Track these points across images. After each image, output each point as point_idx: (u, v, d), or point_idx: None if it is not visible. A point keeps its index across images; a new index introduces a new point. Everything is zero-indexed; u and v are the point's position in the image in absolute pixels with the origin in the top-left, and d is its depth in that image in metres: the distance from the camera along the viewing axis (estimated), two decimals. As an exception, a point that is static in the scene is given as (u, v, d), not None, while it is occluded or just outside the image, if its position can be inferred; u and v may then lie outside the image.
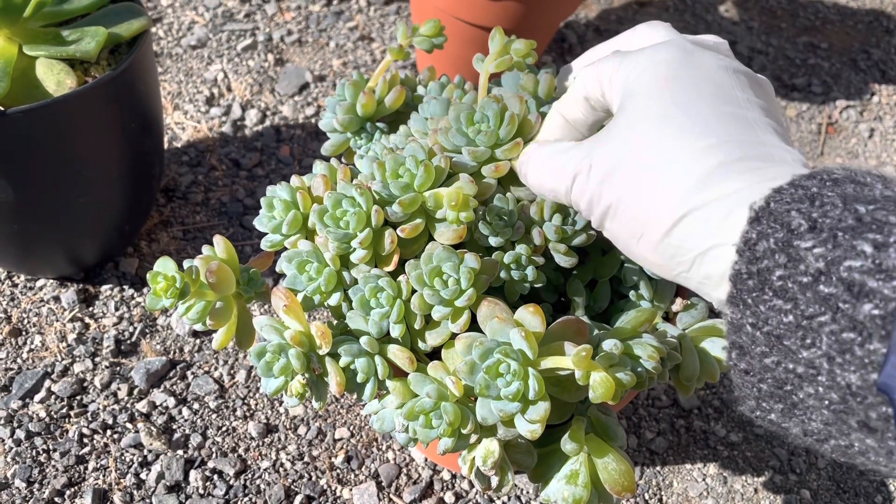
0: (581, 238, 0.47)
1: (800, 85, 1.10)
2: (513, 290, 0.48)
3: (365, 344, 0.45)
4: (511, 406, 0.41)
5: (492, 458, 0.44)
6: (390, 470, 0.65)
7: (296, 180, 0.50)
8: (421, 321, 0.46)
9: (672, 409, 0.73)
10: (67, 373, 0.69)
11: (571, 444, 0.45)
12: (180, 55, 1.01)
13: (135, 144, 0.68)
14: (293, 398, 0.45)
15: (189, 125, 0.92)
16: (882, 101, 1.10)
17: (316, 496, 0.63)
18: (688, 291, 0.55)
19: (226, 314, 0.48)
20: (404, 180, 0.46)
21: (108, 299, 0.75)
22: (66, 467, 0.63)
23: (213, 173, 0.87)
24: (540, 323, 0.42)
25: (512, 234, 0.47)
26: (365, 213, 0.45)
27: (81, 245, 0.71)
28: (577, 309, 0.50)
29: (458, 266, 0.44)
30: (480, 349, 0.41)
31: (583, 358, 0.39)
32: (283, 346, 0.44)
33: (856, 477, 0.69)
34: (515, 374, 0.40)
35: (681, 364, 0.49)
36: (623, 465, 0.46)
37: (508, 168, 0.47)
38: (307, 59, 1.03)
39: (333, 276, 0.47)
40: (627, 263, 0.50)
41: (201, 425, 0.67)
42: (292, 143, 0.91)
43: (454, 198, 0.43)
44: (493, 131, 0.46)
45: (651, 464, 0.69)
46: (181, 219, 0.82)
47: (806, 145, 1.01)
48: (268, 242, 0.49)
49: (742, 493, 0.67)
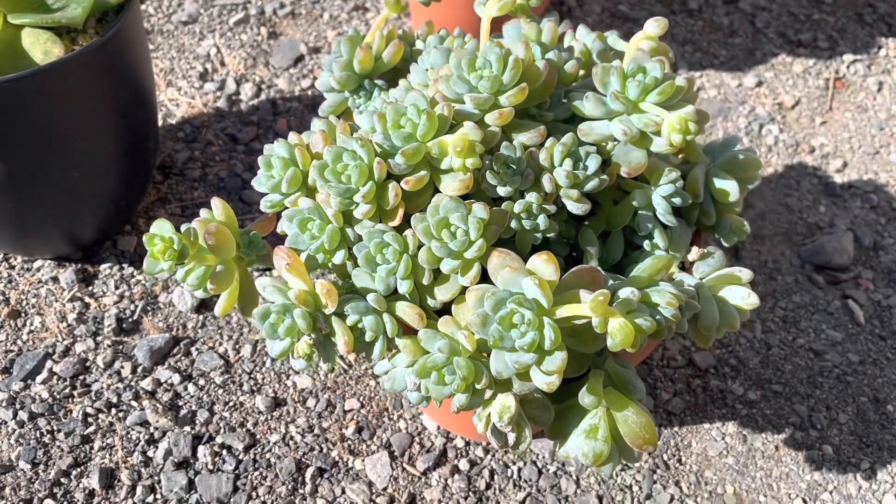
0: (593, 183, 0.45)
1: (805, 41, 1.08)
2: (524, 242, 0.47)
3: (372, 301, 0.44)
4: (526, 357, 0.39)
5: (508, 413, 0.42)
6: (403, 439, 0.64)
7: (294, 137, 0.48)
8: (429, 276, 0.44)
9: (688, 369, 0.71)
10: (69, 353, 0.68)
11: (590, 398, 0.44)
12: (171, 31, 0.99)
13: (128, 116, 0.66)
14: (300, 360, 0.43)
15: (183, 101, 0.90)
16: (889, 54, 1.08)
17: (328, 468, 0.62)
18: (704, 240, 0.53)
19: (227, 278, 0.47)
20: (406, 130, 0.44)
21: (108, 278, 0.73)
22: (72, 447, 0.62)
23: (210, 149, 0.85)
24: (554, 271, 0.40)
25: (521, 183, 0.45)
26: (367, 165, 0.44)
27: (78, 223, 0.70)
28: (590, 260, 0.48)
29: (467, 216, 0.43)
30: (493, 300, 0.40)
31: (600, 303, 0.37)
32: (288, 306, 0.43)
33: (878, 430, 0.68)
34: (530, 323, 0.39)
35: (699, 313, 0.48)
36: (643, 417, 0.44)
37: (513, 115, 0.45)
38: (301, 32, 1.01)
39: (337, 233, 0.45)
40: (642, 211, 0.48)
41: (208, 401, 0.66)
42: (289, 115, 0.89)
43: (459, 144, 0.42)
44: (496, 77, 0.44)
45: (668, 424, 0.67)
46: (179, 195, 0.80)
47: (814, 101, 0.99)
48: (267, 203, 0.48)
49: (762, 450, 0.66)
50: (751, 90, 1.00)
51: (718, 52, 1.05)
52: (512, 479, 0.62)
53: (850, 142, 0.94)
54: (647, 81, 0.44)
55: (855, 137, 0.95)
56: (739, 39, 1.08)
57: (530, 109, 0.49)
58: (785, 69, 1.04)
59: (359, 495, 0.61)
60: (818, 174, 0.90)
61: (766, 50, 1.06)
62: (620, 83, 0.45)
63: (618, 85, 0.45)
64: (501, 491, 0.62)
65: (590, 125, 0.46)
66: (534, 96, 0.47)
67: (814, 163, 0.92)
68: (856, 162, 0.92)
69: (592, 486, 0.62)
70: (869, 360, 0.73)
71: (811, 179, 0.89)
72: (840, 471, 0.65)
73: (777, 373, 0.71)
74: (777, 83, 1.01)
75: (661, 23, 0.48)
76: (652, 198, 0.47)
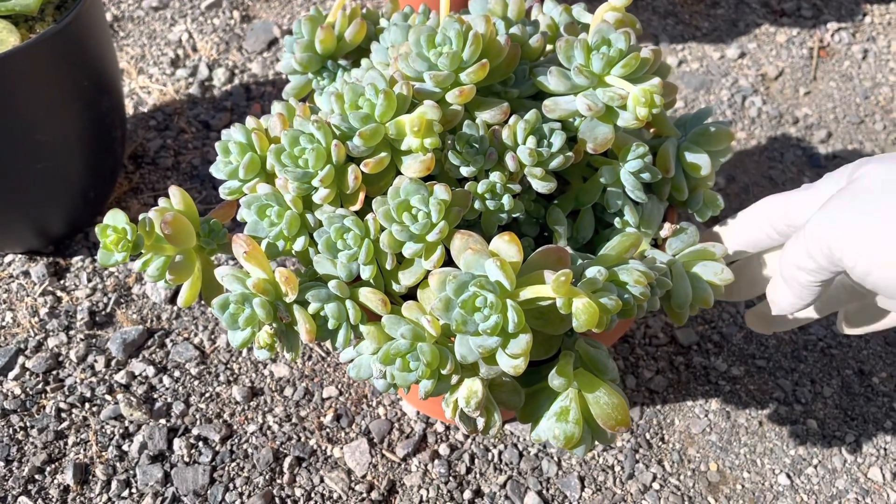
0: (558, 160, 0.44)
1: (789, 10, 1.06)
2: (490, 223, 0.45)
3: (334, 288, 0.43)
4: (490, 341, 0.38)
5: (475, 398, 0.41)
6: (382, 426, 0.63)
7: (251, 121, 0.47)
8: (393, 261, 0.43)
9: (670, 347, 0.70)
10: (41, 348, 0.67)
11: (559, 380, 0.43)
12: (142, 18, 0.97)
13: (91, 105, 0.64)
14: (262, 350, 0.42)
15: (155, 89, 0.88)
16: (875, 20, 1.06)
17: (306, 457, 0.61)
18: (677, 215, 0.52)
19: (187, 268, 0.46)
20: (364, 111, 0.43)
21: (80, 271, 0.72)
22: (45, 443, 0.61)
23: (183, 136, 0.83)
24: (516, 252, 0.39)
25: (484, 162, 0.44)
26: (324, 148, 0.42)
27: (46, 215, 0.68)
28: (559, 239, 0.47)
29: (428, 199, 0.41)
30: (455, 283, 0.39)
31: (562, 283, 0.36)
32: (247, 295, 0.41)
33: (864, 403, 0.67)
34: (493, 306, 0.38)
35: (671, 291, 0.47)
36: (615, 398, 0.43)
37: (474, 92, 0.43)
38: (274, 14, 0.99)
39: (296, 219, 0.44)
40: (610, 188, 0.47)
41: (183, 393, 0.65)
42: (263, 100, 0.88)
43: (416, 123, 0.40)
44: (455, 53, 0.43)
45: (651, 403, 0.66)
46: (151, 184, 0.79)
47: (798, 71, 0.98)
48: (226, 189, 0.46)
49: (746, 426, 0.65)
50: (734, 62, 0.98)
51: (701, 24, 1.04)
52: (492, 463, 0.62)
53: (834, 111, 0.93)
54: (612, 54, 0.43)
55: (839, 107, 0.93)
56: (722, 11, 1.06)
57: (495, 86, 0.48)
58: (768, 40, 1.02)
59: (337, 483, 0.60)
60: (802, 145, 0.89)
61: (749, 21, 1.05)
62: (584, 56, 0.44)
63: (582, 58, 0.44)
64: (482, 475, 0.61)
65: (555, 101, 0.45)
66: (497, 73, 0.46)
67: (798, 134, 0.90)
68: (840, 132, 0.91)
69: (574, 468, 0.62)
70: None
71: (795, 151, 0.88)
72: (825, 445, 0.64)
73: (760, 348, 0.71)
74: (760, 54, 1.00)
75: (627, -8, 0.46)
76: (620, 174, 0.46)
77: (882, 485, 0.62)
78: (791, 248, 0.42)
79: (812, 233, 0.40)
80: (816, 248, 0.40)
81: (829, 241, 0.39)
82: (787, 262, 0.43)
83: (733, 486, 0.62)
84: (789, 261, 0.43)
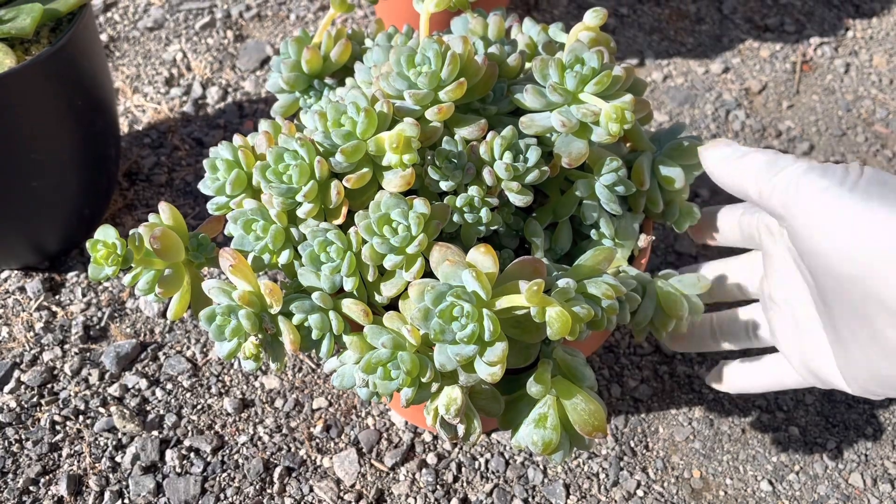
0: (534, 175, 0.45)
1: (772, 25, 1.08)
2: (469, 235, 0.47)
3: (317, 299, 0.44)
4: (468, 349, 0.40)
5: (454, 405, 0.42)
6: (370, 436, 0.64)
7: (238, 139, 0.48)
8: (374, 273, 0.45)
9: (655, 356, 0.72)
10: (37, 362, 0.68)
11: (537, 387, 0.44)
12: (137, 38, 0.99)
13: (85, 124, 0.66)
14: (248, 360, 0.44)
15: (149, 107, 0.90)
16: (857, 35, 1.08)
17: (296, 467, 0.62)
18: (653, 228, 0.54)
19: (175, 282, 0.47)
20: (346, 128, 0.44)
21: (75, 286, 0.73)
22: (40, 455, 0.62)
23: (177, 153, 0.85)
24: (492, 263, 0.41)
25: (463, 177, 0.45)
26: (308, 165, 0.44)
27: (41, 232, 0.70)
28: (536, 251, 0.48)
29: (407, 212, 0.43)
30: (433, 294, 0.40)
31: (534, 293, 0.38)
32: (233, 307, 0.43)
33: (845, 410, 0.68)
34: (469, 316, 0.39)
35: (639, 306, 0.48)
36: (592, 404, 0.45)
37: (452, 110, 0.45)
38: (267, 34, 1.01)
39: (281, 234, 0.45)
40: (586, 200, 0.48)
41: (175, 405, 0.66)
42: (256, 117, 0.89)
43: (394, 140, 0.42)
44: (434, 72, 0.44)
45: (636, 411, 0.67)
46: (146, 201, 0.80)
47: (781, 85, 0.99)
48: (213, 205, 0.48)
49: (729, 434, 0.66)
50: (717, 76, 1.00)
51: (685, 39, 1.06)
52: (479, 471, 0.63)
53: (816, 124, 0.95)
54: (585, 72, 0.45)
55: (822, 120, 0.95)
56: (706, 26, 1.08)
57: (473, 103, 0.49)
58: (752, 54, 1.04)
59: (326, 493, 0.61)
60: (785, 158, 0.90)
61: (733, 36, 1.07)
62: (559, 75, 0.45)
63: (556, 77, 0.45)
64: (469, 483, 0.62)
65: (531, 117, 0.47)
66: (475, 90, 0.47)
67: (781, 147, 0.92)
68: (822, 144, 0.92)
69: (559, 476, 0.63)
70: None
71: (778, 163, 0.90)
72: (806, 451, 0.65)
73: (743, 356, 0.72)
74: (744, 68, 1.02)
75: (600, 13, 0.48)
76: (595, 187, 0.47)
77: (863, 490, 0.63)
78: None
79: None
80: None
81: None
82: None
83: (716, 492, 0.63)
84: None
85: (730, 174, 0.45)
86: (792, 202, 0.41)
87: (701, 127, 0.93)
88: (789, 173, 0.41)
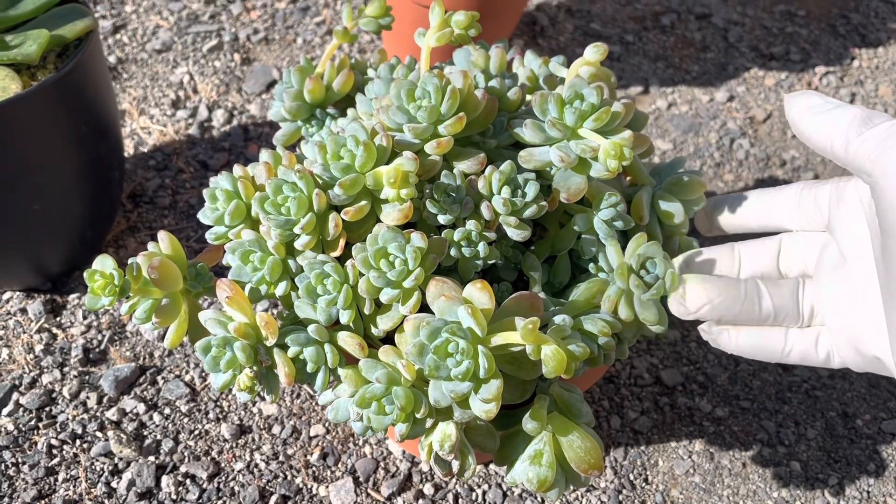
0: (532, 209, 0.45)
1: (778, 54, 1.08)
2: (467, 269, 0.47)
3: (313, 332, 0.44)
4: (462, 386, 0.39)
5: (449, 441, 0.42)
6: (367, 464, 0.64)
7: (238, 170, 0.48)
8: (371, 306, 0.45)
9: (655, 387, 0.71)
10: (36, 384, 0.68)
11: (533, 423, 0.44)
12: (145, 60, 1.00)
13: (89, 149, 0.66)
14: (243, 392, 0.44)
15: (155, 129, 0.90)
16: (863, 64, 1.08)
17: (291, 495, 0.62)
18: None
19: (173, 311, 0.47)
20: (345, 161, 0.44)
21: (76, 308, 0.73)
22: (36, 479, 0.62)
23: (181, 176, 0.86)
24: (488, 299, 0.41)
25: (461, 211, 0.45)
26: (306, 197, 0.44)
27: (44, 254, 0.70)
28: (533, 286, 0.48)
29: (405, 246, 0.43)
30: (428, 329, 0.40)
31: (530, 331, 0.38)
32: (228, 339, 0.43)
33: (847, 445, 0.68)
34: (464, 352, 0.39)
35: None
36: (589, 441, 0.44)
37: (452, 144, 0.45)
38: (274, 57, 1.02)
39: (278, 265, 0.45)
40: (585, 235, 0.48)
41: (173, 430, 0.66)
42: (260, 140, 0.90)
43: (393, 175, 0.42)
44: (433, 107, 0.45)
45: (635, 444, 0.67)
46: (149, 223, 0.81)
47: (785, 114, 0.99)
48: (212, 235, 0.48)
49: (730, 468, 0.66)
50: (722, 105, 1.00)
51: (691, 67, 1.06)
52: (476, 503, 0.62)
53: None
54: (584, 108, 0.45)
55: (826, 150, 0.95)
56: (712, 54, 1.08)
57: (473, 137, 0.49)
58: (757, 83, 1.04)
59: (322, 522, 0.61)
60: (789, 187, 0.90)
61: (739, 64, 1.07)
62: (558, 110, 0.45)
63: (556, 112, 0.46)
64: (466, 515, 0.62)
65: (530, 152, 0.47)
66: (474, 124, 0.48)
67: (785, 176, 0.92)
68: (827, 174, 0.92)
69: (557, 509, 0.62)
70: (838, 374, 0.73)
71: (782, 193, 0.89)
72: (808, 487, 0.65)
73: (745, 389, 0.71)
74: (749, 97, 1.02)
75: (600, 48, 0.48)
76: (594, 222, 0.47)
77: (865, 528, 0.62)
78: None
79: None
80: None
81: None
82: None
83: (716, 528, 0.62)
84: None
85: (817, 124, 0.44)
86: (883, 156, 0.40)
87: (705, 155, 0.93)
88: (884, 128, 0.41)
